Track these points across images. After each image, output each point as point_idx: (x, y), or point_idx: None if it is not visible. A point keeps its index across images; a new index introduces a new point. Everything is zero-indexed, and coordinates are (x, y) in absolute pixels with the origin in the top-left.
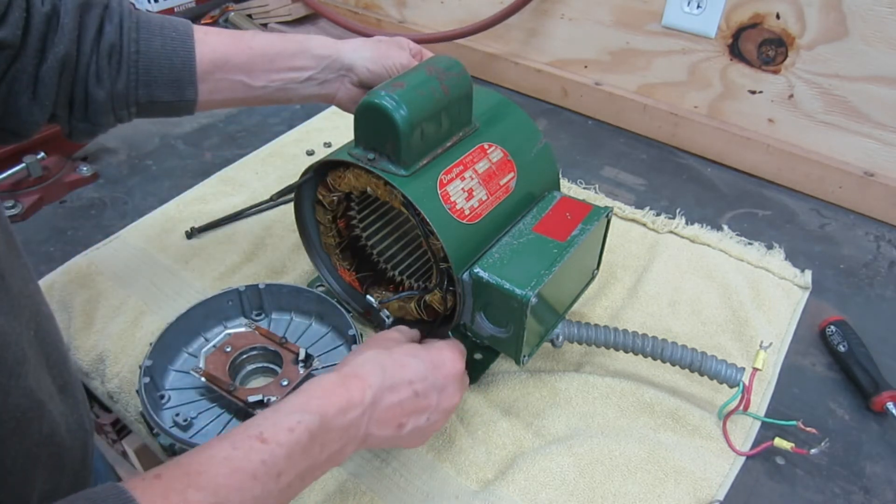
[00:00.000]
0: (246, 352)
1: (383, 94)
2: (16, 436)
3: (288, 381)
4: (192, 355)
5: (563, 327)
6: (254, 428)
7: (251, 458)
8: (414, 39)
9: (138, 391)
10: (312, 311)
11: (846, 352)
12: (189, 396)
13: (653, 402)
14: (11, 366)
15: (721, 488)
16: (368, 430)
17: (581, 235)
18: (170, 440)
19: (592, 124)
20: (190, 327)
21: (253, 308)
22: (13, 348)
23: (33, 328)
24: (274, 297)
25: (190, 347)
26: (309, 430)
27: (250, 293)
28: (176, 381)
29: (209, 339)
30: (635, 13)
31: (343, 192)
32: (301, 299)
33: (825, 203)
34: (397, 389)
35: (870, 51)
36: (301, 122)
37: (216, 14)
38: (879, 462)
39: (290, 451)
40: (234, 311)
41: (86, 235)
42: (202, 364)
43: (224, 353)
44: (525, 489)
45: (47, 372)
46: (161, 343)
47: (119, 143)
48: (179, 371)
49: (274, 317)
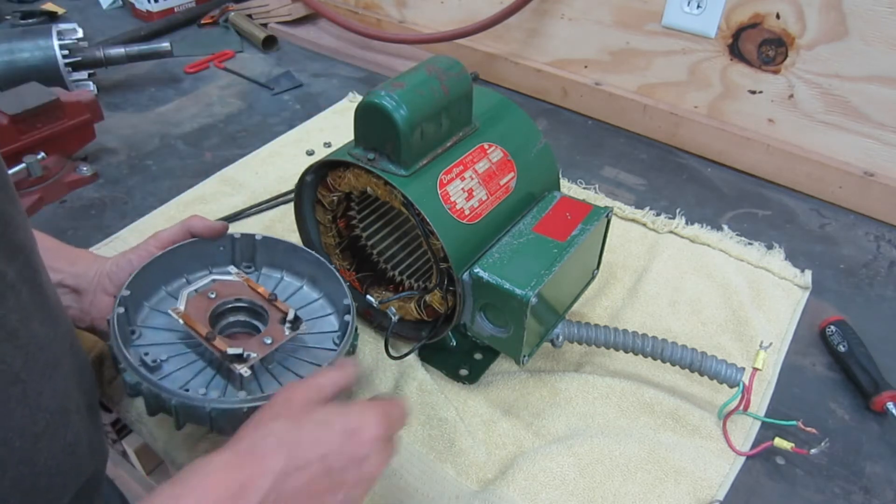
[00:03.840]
0: (230, 302)
1: (383, 94)
2: (46, 436)
3: (272, 339)
4: (170, 295)
5: (563, 327)
6: None
7: None
8: (414, 40)
9: (109, 320)
10: (305, 274)
11: (846, 352)
12: (162, 337)
13: (653, 402)
14: (43, 367)
15: (721, 488)
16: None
17: (581, 235)
18: (136, 378)
19: (592, 124)
20: (173, 265)
21: (244, 259)
22: (47, 352)
23: (69, 341)
24: (268, 251)
25: (170, 286)
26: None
27: (244, 242)
28: (149, 319)
29: (191, 280)
30: (635, 13)
31: (343, 192)
32: (296, 259)
33: (825, 203)
34: (307, 469)
35: (870, 51)
36: (301, 122)
37: (216, 14)
38: (879, 462)
39: None
40: (223, 259)
41: (86, 235)
42: (182, 306)
43: (207, 298)
44: (525, 489)
45: (77, 386)
46: (141, 276)
47: (119, 143)
48: (155, 309)
49: (264, 272)
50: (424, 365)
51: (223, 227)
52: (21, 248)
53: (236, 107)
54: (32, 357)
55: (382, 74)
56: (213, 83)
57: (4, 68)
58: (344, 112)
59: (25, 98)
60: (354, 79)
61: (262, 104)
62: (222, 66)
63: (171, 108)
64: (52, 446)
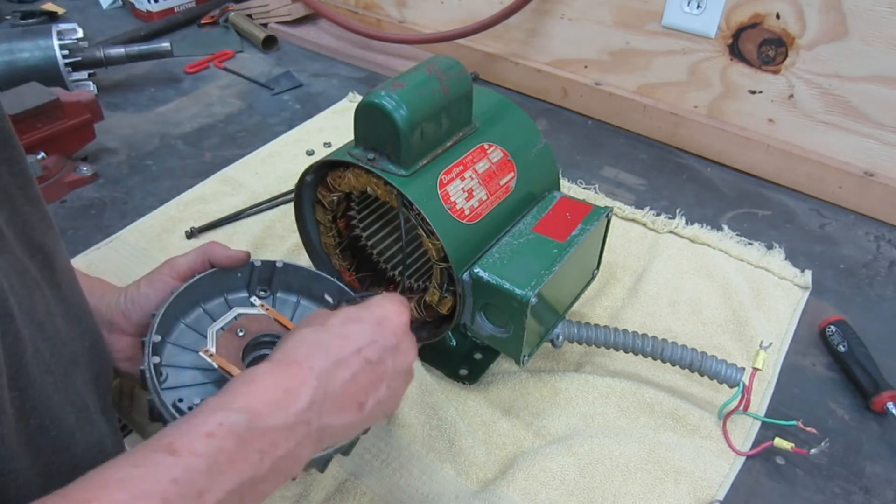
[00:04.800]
0: (258, 338)
1: (383, 94)
2: (78, 429)
3: None
4: (189, 327)
5: (563, 327)
6: (161, 439)
7: (158, 476)
8: (414, 40)
9: (144, 370)
10: (324, 298)
11: (846, 352)
12: (190, 377)
13: (653, 402)
14: (67, 363)
15: (721, 488)
16: (324, 422)
17: (581, 235)
18: None
19: (592, 124)
20: (190, 296)
21: (260, 283)
22: (69, 347)
23: (89, 341)
24: (287, 277)
25: (187, 318)
26: (235, 433)
27: (263, 269)
28: (173, 357)
29: (209, 311)
30: (635, 13)
31: (343, 192)
32: (317, 286)
33: (825, 203)
34: (347, 364)
35: (870, 51)
36: (301, 122)
37: (216, 14)
38: (879, 462)
39: (211, 462)
40: (239, 284)
41: (86, 235)
42: (213, 347)
43: (237, 336)
44: (525, 489)
45: (94, 389)
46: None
47: (119, 143)
48: (176, 345)
49: (279, 296)
50: (424, 365)
51: (245, 256)
52: (40, 248)
53: (236, 107)
54: (58, 351)
55: (382, 74)
56: (213, 83)
57: (4, 68)
58: (344, 112)
59: (25, 98)
60: (354, 79)
61: (262, 104)
62: (222, 66)
63: (171, 108)
64: (84, 440)
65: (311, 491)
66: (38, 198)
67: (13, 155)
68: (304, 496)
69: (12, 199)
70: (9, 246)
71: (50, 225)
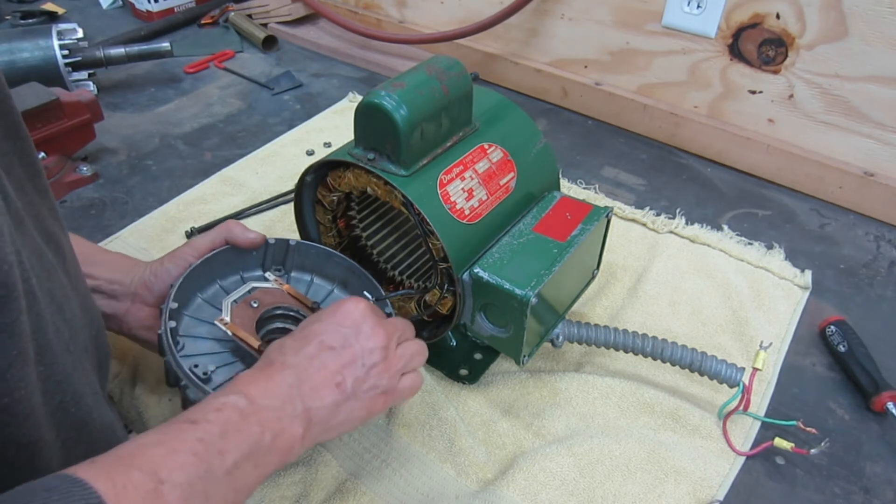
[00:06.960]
0: (271, 310)
1: (383, 94)
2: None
3: None
4: (206, 301)
5: (563, 327)
6: (179, 417)
7: (184, 438)
8: (414, 40)
9: (160, 334)
10: (337, 277)
11: (846, 352)
12: (206, 346)
13: (653, 402)
14: (81, 348)
15: (721, 488)
16: (307, 404)
17: (581, 235)
18: (199, 395)
19: (592, 124)
20: (208, 272)
21: (274, 262)
22: (82, 334)
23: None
24: (299, 255)
25: (204, 293)
26: (237, 409)
27: (277, 247)
28: (190, 328)
29: (224, 287)
30: (635, 13)
31: (343, 192)
32: (329, 263)
33: (825, 203)
34: (313, 353)
35: (870, 51)
36: (301, 122)
37: (216, 14)
38: (879, 462)
39: (223, 428)
40: (254, 263)
41: (86, 235)
42: (227, 316)
43: (251, 307)
44: (525, 489)
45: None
46: (182, 286)
47: (119, 143)
48: (193, 317)
49: (293, 275)
50: (424, 365)
51: (262, 239)
52: (52, 237)
53: (236, 107)
54: (74, 334)
55: (382, 74)
56: (213, 83)
57: (4, 68)
58: (344, 112)
59: (25, 98)
60: (354, 79)
61: (262, 104)
62: (222, 66)
63: (171, 108)
64: (99, 420)
65: (311, 491)
66: (46, 190)
67: (24, 147)
68: (304, 496)
69: (25, 189)
70: (28, 230)
71: (57, 217)
